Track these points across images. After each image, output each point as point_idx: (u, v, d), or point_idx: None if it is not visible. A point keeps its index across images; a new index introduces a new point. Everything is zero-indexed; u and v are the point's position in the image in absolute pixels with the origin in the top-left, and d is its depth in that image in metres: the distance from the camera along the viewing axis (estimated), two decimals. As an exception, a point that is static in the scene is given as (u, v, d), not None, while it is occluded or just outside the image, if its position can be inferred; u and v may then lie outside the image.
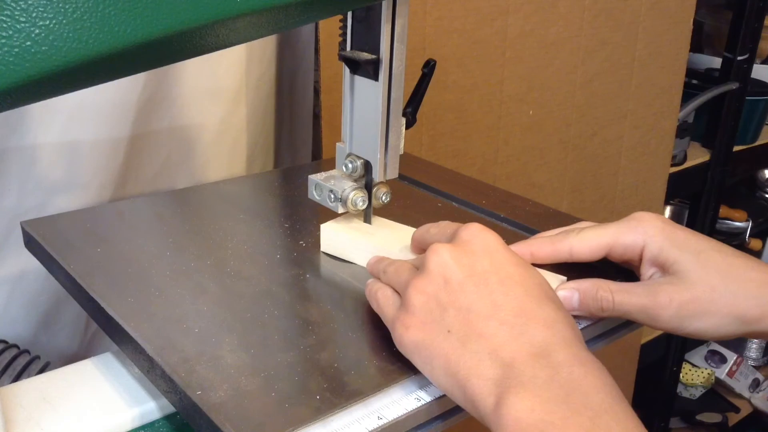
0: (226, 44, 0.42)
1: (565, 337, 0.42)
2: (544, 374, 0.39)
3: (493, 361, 0.41)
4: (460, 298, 0.44)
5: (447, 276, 0.44)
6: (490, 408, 0.39)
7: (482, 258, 0.45)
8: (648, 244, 0.53)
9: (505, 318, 0.42)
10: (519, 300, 0.43)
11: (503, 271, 0.44)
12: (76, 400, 0.51)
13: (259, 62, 0.90)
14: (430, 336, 0.44)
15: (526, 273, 0.45)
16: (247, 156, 0.93)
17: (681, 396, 2.08)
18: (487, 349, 0.41)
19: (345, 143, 0.61)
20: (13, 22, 0.33)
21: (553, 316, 0.43)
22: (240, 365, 0.46)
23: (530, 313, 0.43)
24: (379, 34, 0.55)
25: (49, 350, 0.82)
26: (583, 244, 0.54)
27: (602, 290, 0.51)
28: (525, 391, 0.39)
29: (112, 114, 0.77)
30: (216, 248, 0.61)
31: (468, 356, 0.42)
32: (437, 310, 0.44)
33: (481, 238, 0.46)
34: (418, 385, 0.46)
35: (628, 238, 0.53)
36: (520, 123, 1.18)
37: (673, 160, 1.55)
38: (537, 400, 0.38)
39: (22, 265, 0.77)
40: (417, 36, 0.99)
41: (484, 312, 0.43)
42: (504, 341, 0.41)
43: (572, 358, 0.40)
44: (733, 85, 1.57)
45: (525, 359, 0.40)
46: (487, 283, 0.44)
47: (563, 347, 0.41)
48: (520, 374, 0.40)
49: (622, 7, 1.24)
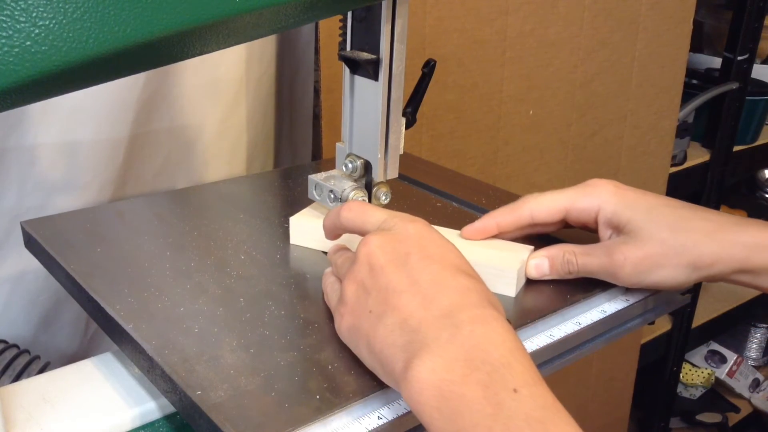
0: (226, 44, 0.42)
1: (473, 300, 0.42)
2: (447, 334, 0.40)
3: (402, 330, 0.42)
4: (381, 279, 0.45)
5: (372, 262, 0.46)
6: (399, 374, 0.41)
7: (405, 242, 0.46)
8: (602, 207, 0.56)
9: (418, 290, 0.43)
10: (434, 274, 0.44)
11: (424, 251, 0.45)
12: (76, 400, 0.51)
13: (259, 62, 0.90)
14: (357, 320, 0.46)
15: (447, 251, 0.46)
16: (247, 156, 0.93)
17: (681, 396, 2.08)
18: (398, 321, 0.43)
19: (345, 143, 0.61)
20: (13, 22, 0.33)
21: (466, 284, 0.44)
22: (240, 365, 0.46)
23: (443, 283, 0.43)
24: (379, 34, 0.55)
25: (49, 350, 0.82)
26: (541, 207, 0.58)
27: (568, 254, 0.56)
28: (428, 353, 0.40)
29: (112, 114, 0.77)
30: (216, 248, 0.61)
31: (382, 330, 0.43)
32: (363, 296, 0.46)
33: (405, 225, 0.47)
34: (418, 385, 0.46)
35: (584, 202, 0.57)
36: (520, 123, 1.18)
37: (673, 160, 1.55)
38: (439, 360, 0.39)
39: (22, 265, 0.77)
40: (417, 36, 0.99)
41: (399, 288, 0.44)
42: (414, 310, 0.42)
43: (475, 318, 0.41)
44: (733, 85, 1.57)
45: (431, 322, 0.41)
46: (406, 263, 0.45)
47: (468, 308, 0.42)
48: (425, 337, 0.41)
49: (622, 7, 1.24)
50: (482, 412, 0.37)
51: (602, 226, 0.57)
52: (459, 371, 0.38)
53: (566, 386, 1.50)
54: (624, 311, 0.57)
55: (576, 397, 1.54)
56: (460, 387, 0.38)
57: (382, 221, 0.49)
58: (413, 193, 0.74)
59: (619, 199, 0.56)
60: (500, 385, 0.37)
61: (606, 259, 0.54)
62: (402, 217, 0.48)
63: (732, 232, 0.53)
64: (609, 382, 1.59)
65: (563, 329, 0.54)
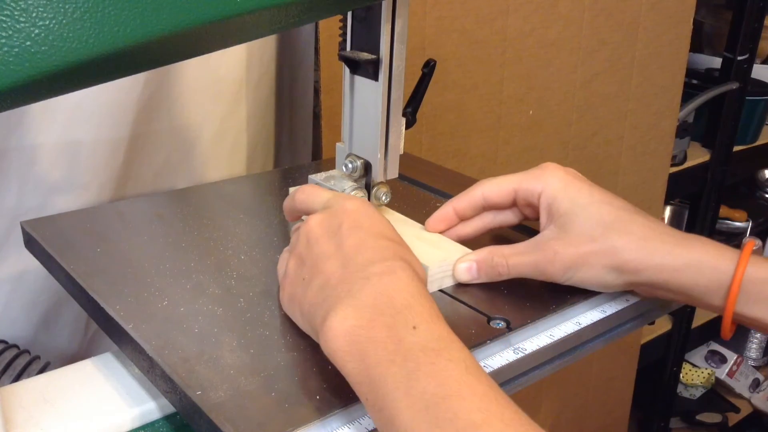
0: (226, 44, 0.42)
1: (386, 255, 0.45)
2: (358, 286, 0.43)
3: (323, 289, 0.45)
4: (315, 249, 0.48)
5: (309, 236, 0.49)
6: (318, 327, 0.44)
7: (340, 216, 0.49)
8: (545, 191, 0.56)
9: (342, 254, 0.46)
10: (359, 239, 0.47)
11: (355, 222, 0.48)
12: (76, 400, 0.51)
13: (259, 62, 0.90)
14: (293, 288, 0.49)
15: (376, 222, 0.49)
16: (247, 156, 0.93)
17: (681, 396, 2.08)
18: (323, 282, 0.46)
19: (345, 143, 0.61)
20: (13, 22, 0.33)
21: (385, 245, 0.47)
22: (240, 365, 0.46)
23: (365, 245, 0.46)
24: (379, 34, 0.55)
25: (49, 350, 0.82)
26: (492, 188, 0.59)
27: (497, 257, 0.55)
28: (341, 305, 0.43)
29: (112, 114, 0.77)
30: (216, 248, 0.61)
31: (310, 293, 0.46)
32: (300, 266, 0.49)
33: (344, 203, 0.50)
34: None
35: (530, 184, 0.57)
36: (520, 123, 1.18)
37: (673, 160, 1.55)
38: (349, 309, 0.42)
39: (22, 265, 0.77)
40: (417, 36, 0.99)
41: (327, 254, 0.47)
42: (335, 270, 0.46)
43: (384, 270, 0.44)
44: (733, 85, 1.57)
45: (346, 278, 0.44)
46: (336, 233, 0.48)
47: (380, 262, 0.45)
48: (340, 292, 0.44)
49: (622, 7, 1.24)
50: (386, 348, 0.40)
51: (542, 210, 0.56)
52: (367, 317, 0.42)
53: (566, 386, 1.50)
54: (624, 311, 0.56)
55: (576, 397, 1.54)
56: (368, 331, 0.41)
57: (326, 201, 0.51)
58: (413, 193, 0.74)
59: (563, 186, 0.56)
60: (402, 324, 0.41)
61: (536, 255, 0.54)
62: (344, 196, 0.52)
63: (668, 243, 0.52)
64: (609, 382, 1.59)
65: (563, 329, 0.53)
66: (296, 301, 0.48)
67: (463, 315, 0.53)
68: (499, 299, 0.55)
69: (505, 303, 0.54)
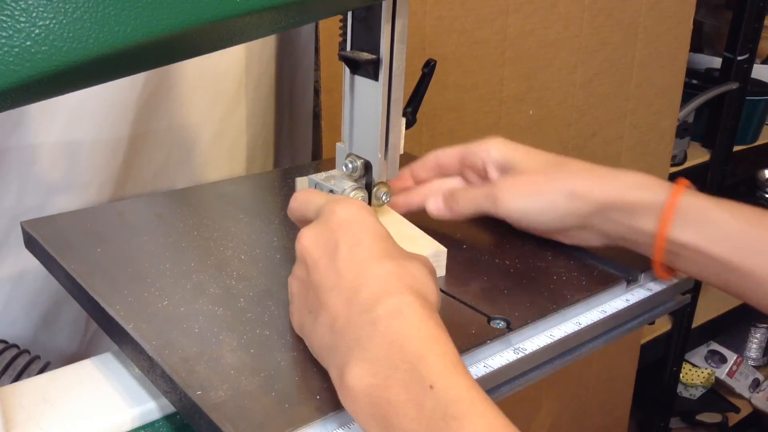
0: (226, 44, 0.42)
1: (391, 288, 0.42)
2: (366, 332, 0.41)
3: (332, 332, 0.43)
4: (315, 277, 0.45)
5: (306, 259, 0.46)
6: (337, 384, 0.42)
7: (336, 230, 0.46)
8: (490, 150, 0.62)
9: (344, 285, 0.43)
10: (359, 263, 0.44)
11: (354, 239, 0.45)
12: (76, 400, 0.51)
13: (259, 62, 0.90)
14: (302, 318, 0.47)
15: (375, 235, 0.46)
16: (247, 156, 0.93)
17: (681, 396, 2.08)
18: (329, 321, 0.43)
19: (345, 143, 0.61)
20: (13, 22, 0.33)
21: (389, 269, 0.44)
22: (240, 365, 0.46)
23: (366, 272, 0.43)
24: (379, 34, 0.55)
25: (49, 350, 0.82)
26: (444, 153, 0.65)
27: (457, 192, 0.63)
28: (354, 358, 0.40)
29: (112, 114, 0.77)
30: (216, 248, 0.61)
31: (319, 332, 0.44)
32: (304, 293, 0.47)
33: (337, 211, 0.47)
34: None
35: (476, 147, 0.63)
36: (520, 123, 1.18)
37: (673, 160, 1.55)
38: (363, 364, 0.40)
39: (22, 265, 0.77)
40: (417, 36, 0.99)
41: (328, 284, 0.44)
42: (340, 308, 0.43)
43: (391, 310, 0.41)
44: (733, 85, 1.57)
45: (353, 321, 0.42)
46: (335, 256, 0.45)
47: (385, 299, 0.42)
48: (349, 340, 0.41)
49: (622, 7, 1.24)
50: (408, 416, 0.38)
51: (490, 168, 0.62)
52: (382, 373, 0.39)
53: (566, 386, 1.50)
54: (624, 311, 0.57)
55: (576, 397, 1.54)
56: (385, 391, 0.39)
57: (318, 208, 0.49)
58: (413, 193, 0.74)
59: (506, 146, 0.62)
60: (418, 384, 0.38)
61: (490, 188, 0.60)
62: (336, 200, 0.48)
63: (607, 174, 0.58)
64: (609, 382, 1.59)
65: (563, 329, 0.54)
66: (306, 333, 0.47)
67: (463, 315, 0.53)
68: (499, 299, 0.55)
69: (505, 303, 0.54)
